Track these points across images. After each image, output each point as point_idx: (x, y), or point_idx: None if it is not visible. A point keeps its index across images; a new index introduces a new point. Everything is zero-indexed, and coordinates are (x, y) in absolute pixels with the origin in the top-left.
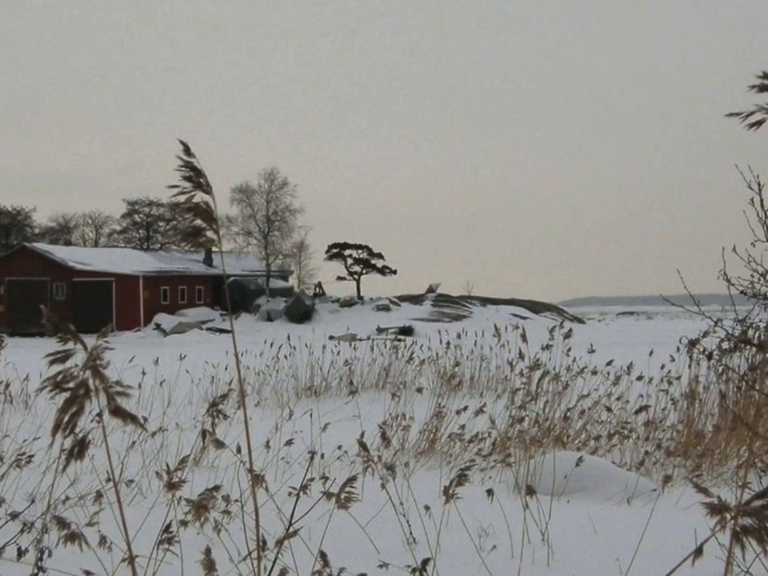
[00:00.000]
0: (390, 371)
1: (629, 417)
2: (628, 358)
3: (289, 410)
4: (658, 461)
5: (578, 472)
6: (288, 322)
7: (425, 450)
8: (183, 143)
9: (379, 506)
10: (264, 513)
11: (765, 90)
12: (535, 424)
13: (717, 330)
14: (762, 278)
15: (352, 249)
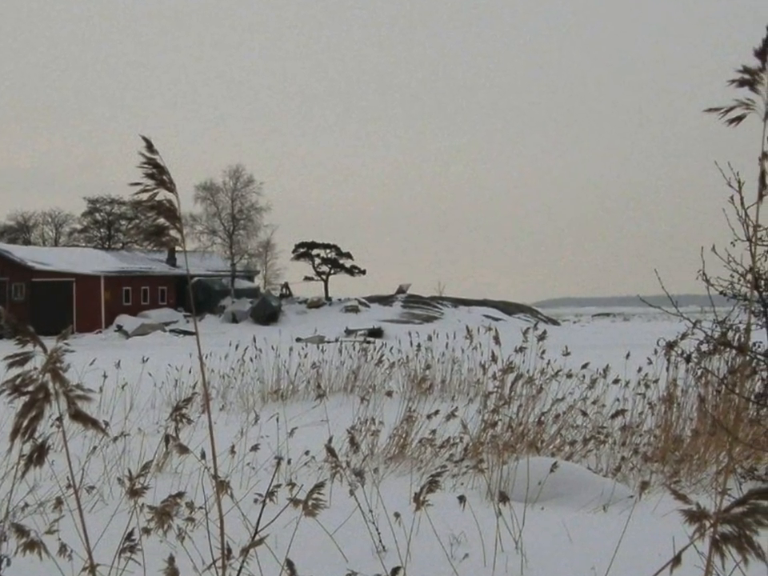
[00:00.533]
0: (359, 374)
1: (605, 421)
2: (604, 360)
3: (254, 414)
4: (634, 466)
5: (552, 478)
6: (254, 323)
7: (395, 455)
8: (146, 139)
9: (348, 513)
10: (229, 520)
11: (745, 85)
12: (508, 429)
13: (695, 332)
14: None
15: (320, 248)
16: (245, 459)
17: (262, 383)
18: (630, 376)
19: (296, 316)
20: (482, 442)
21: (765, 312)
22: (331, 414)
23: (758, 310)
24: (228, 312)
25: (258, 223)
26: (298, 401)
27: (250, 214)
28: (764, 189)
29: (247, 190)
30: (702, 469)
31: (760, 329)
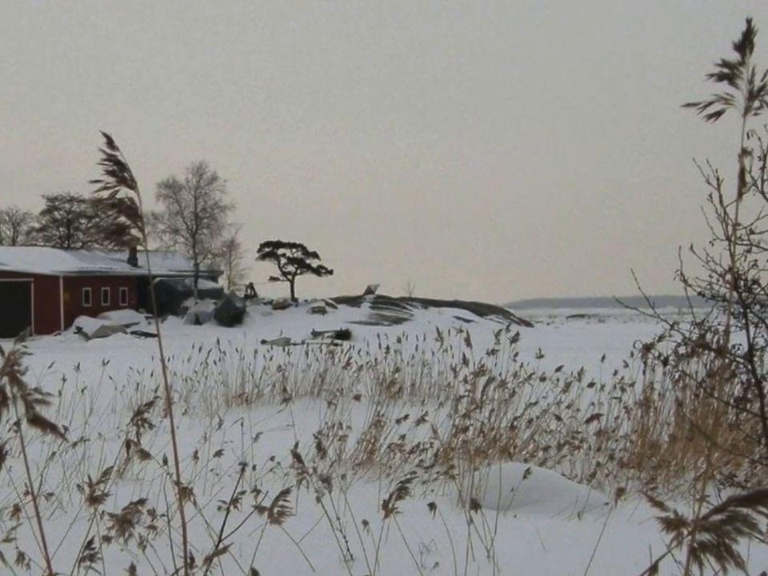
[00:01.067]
0: (326, 378)
1: (579, 426)
2: (578, 363)
3: (218, 418)
4: (610, 473)
5: (525, 485)
6: (218, 325)
7: (363, 461)
8: (106, 135)
9: (314, 521)
10: (192, 528)
11: (724, 79)
12: (480, 434)
13: (673, 334)
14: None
15: (285, 248)
16: (208, 465)
17: (226, 387)
18: (606, 379)
19: (261, 317)
20: (453, 448)
21: (744, 313)
22: (297, 418)
23: (737, 311)
24: (191, 313)
25: (222, 222)
26: (263, 405)
27: (214, 213)
28: (743, 186)
29: (211, 187)
30: (680, 475)
31: (739, 330)
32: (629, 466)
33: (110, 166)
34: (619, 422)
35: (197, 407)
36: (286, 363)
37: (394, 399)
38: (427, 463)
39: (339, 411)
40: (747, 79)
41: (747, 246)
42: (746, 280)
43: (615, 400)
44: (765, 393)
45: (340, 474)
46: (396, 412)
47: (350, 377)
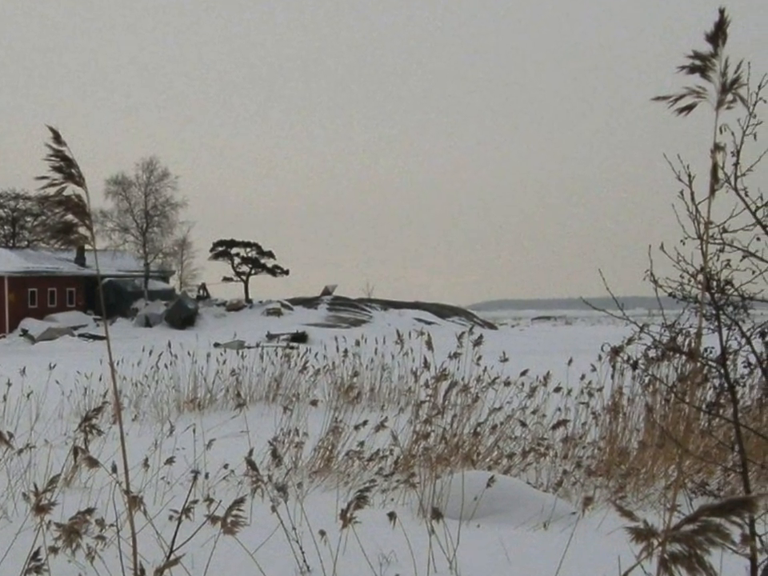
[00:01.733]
0: (282, 382)
1: (545, 432)
2: (544, 367)
3: (170, 424)
4: (577, 481)
5: (489, 493)
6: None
7: (320, 469)
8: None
9: (269, 531)
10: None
11: (696, 72)
12: (442, 440)
13: (642, 337)
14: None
15: (239, 247)
16: (159, 473)
17: (178, 392)
18: (573, 384)
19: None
20: (414, 455)
21: (717, 315)
22: (252, 424)
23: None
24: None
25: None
26: (216, 410)
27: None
28: (716, 183)
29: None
30: (650, 483)
31: (712, 333)
32: (597, 474)
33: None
34: (587, 428)
35: (147, 413)
36: (240, 367)
37: (352, 404)
38: (387, 471)
39: (295, 417)
40: (720, 71)
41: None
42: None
43: (582, 405)
44: (738, 398)
45: (296, 483)
46: (354, 418)
47: (306, 381)
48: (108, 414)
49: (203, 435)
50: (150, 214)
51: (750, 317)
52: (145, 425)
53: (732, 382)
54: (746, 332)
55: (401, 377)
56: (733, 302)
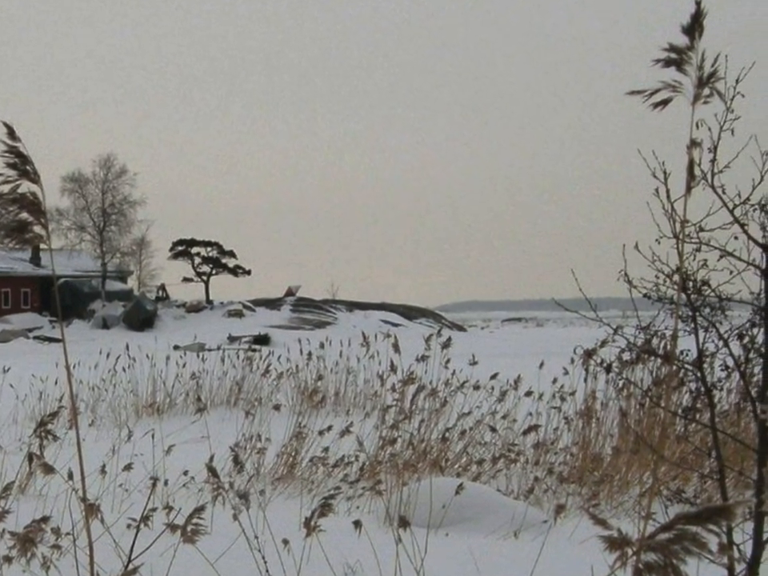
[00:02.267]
0: (244, 386)
1: (516, 438)
2: (515, 370)
3: (128, 430)
4: (549, 488)
5: (457, 501)
6: (127, 329)
7: (283, 475)
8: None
9: (231, 540)
10: (99, 547)
11: (671, 65)
12: (409, 446)
13: (617, 339)
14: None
15: (200, 246)
16: (117, 480)
17: (136, 396)
18: (544, 388)
19: (173, 321)
20: (380, 461)
21: (693, 317)
22: (212, 429)
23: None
24: (98, 317)
25: (132, 218)
26: (175, 415)
27: (123, 209)
28: (692, 180)
29: (119, 181)
30: (624, 490)
31: (688, 335)
32: (569, 481)
33: (10, 158)
34: (559, 433)
35: (104, 418)
36: (201, 370)
37: (316, 409)
38: (352, 478)
39: (257, 422)
40: (696, 65)
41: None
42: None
43: (554, 410)
44: (715, 402)
45: (258, 490)
46: (319, 423)
47: (269, 385)
48: (64, 419)
49: (162, 441)
50: (107, 212)
51: (727, 318)
52: (102, 430)
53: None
54: (724, 334)
55: (366, 380)
56: (710, 303)
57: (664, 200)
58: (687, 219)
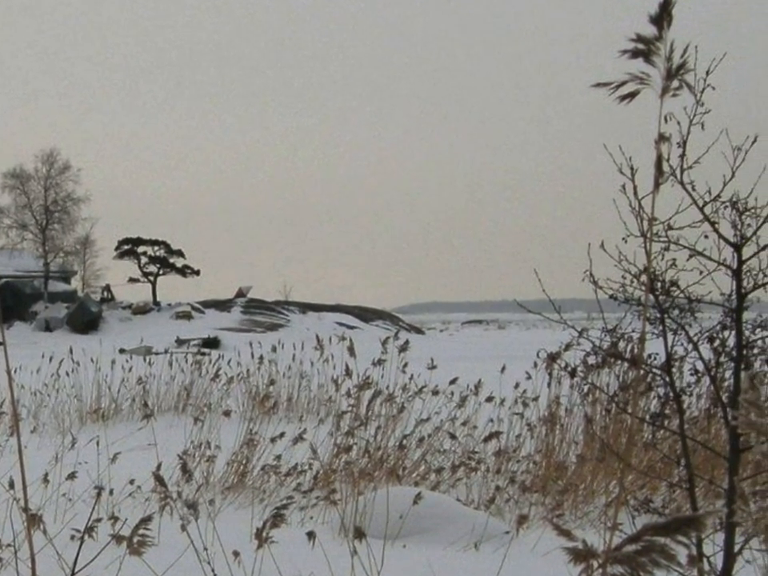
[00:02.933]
0: (192, 391)
1: (476, 445)
2: (476, 374)
3: (71, 437)
4: (511, 498)
5: (416, 511)
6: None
7: (233, 484)
8: None
9: (179, 552)
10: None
11: (639, 56)
12: (365, 454)
13: (581, 342)
14: (636, 280)
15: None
16: (60, 489)
17: (80, 401)
18: (506, 393)
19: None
20: (335, 470)
21: (661, 319)
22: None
23: (653, 316)
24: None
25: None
26: (121, 421)
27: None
28: (660, 176)
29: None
30: (589, 500)
31: (656, 338)
32: (532, 491)
33: None
34: (521, 440)
35: (47, 424)
36: (147, 375)
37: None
38: (305, 487)
39: (207, 429)
40: (665, 56)
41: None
42: (664, 281)
43: (517, 416)
44: (684, 408)
45: (208, 499)
46: (270, 429)
47: (218, 390)
48: (5, 426)
49: (108, 448)
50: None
51: (697, 320)
52: (45, 437)
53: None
54: (693, 337)
55: (321, 385)
56: (679, 304)
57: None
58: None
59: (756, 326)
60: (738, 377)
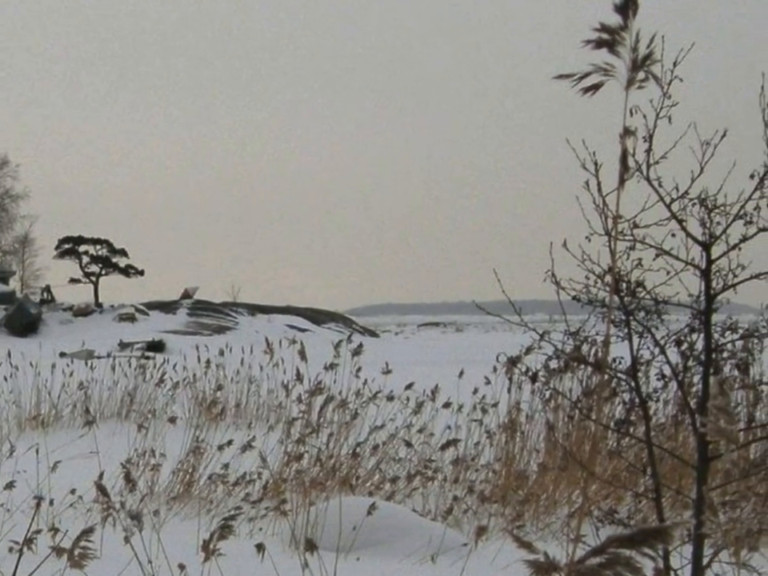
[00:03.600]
0: (136, 397)
1: (433, 453)
2: (432, 379)
3: (9, 444)
4: (469, 508)
5: (370, 522)
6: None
7: (179, 494)
8: None
9: (122, 565)
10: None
11: (603, 46)
12: (317, 462)
13: (543, 345)
14: (600, 280)
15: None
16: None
17: (19, 407)
18: (464, 399)
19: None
20: (285, 479)
21: (627, 321)
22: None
23: (618, 318)
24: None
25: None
26: (62, 429)
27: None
28: (626, 172)
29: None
30: (551, 511)
31: (621, 341)
32: (491, 501)
33: None
34: (480, 448)
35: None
36: (89, 380)
37: (215, 422)
38: (255, 497)
39: (151, 436)
40: (630, 46)
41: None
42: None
43: (475, 423)
44: (650, 415)
45: (152, 510)
46: (218, 437)
47: (163, 396)
48: None
49: (47, 456)
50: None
51: (663, 323)
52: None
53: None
54: (660, 340)
55: (270, 391)
56: (645, 306)
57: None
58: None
59: (725, 329)
60: (707, 382)
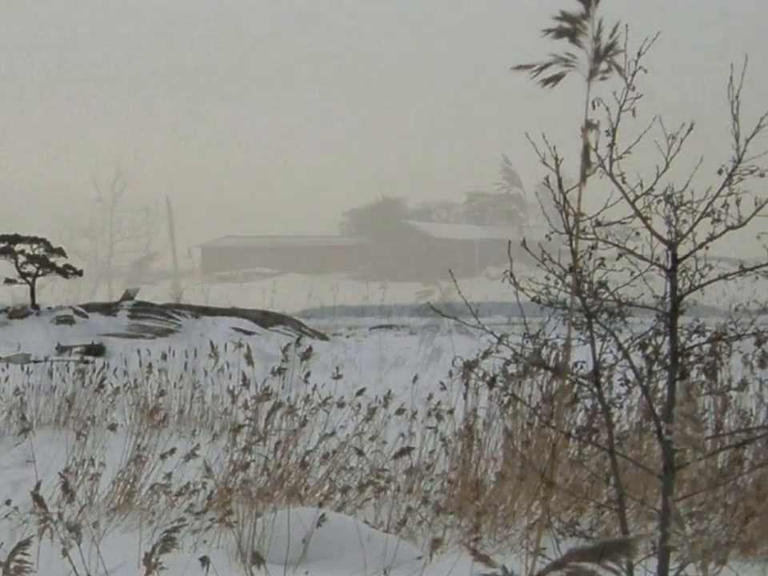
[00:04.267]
0: (75, 403)
1: (386, 462)
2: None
3: None
4: (424, 520)
5: (319, 534)
6: None
7: (119, 505)
8: None
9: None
10: None
11: (564, 36)
12: (264, 472)
13: (501, 349)
14: (560, 281)
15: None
16: None
17: None
18: (418, 405)
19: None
20: (231, 489)
21: (589, 324)
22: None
23: (579, 320)
24: None
25: None
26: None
27: None
28: (588, 167)
29: None
30: (510, 522)
31: (583, 345)
32: (447, 512)
33: None
34: (435, 457)
35: None
36: (25, 385)
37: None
38: (199, 508)
39: (91, 444)
40: (593, 36)
41: (592, 240)
42: (591, 282)
43: (430, 430)
44: (613, 422)
45: (91, 521)
46: (160, 445)
47: (103, 402)
48: None
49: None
50: None
51: (627, 325)
52: None
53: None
54: (624, 343)
55: (215, 397)
56: (607, 307)
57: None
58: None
59: (692, 332)
60: (673, 387)
